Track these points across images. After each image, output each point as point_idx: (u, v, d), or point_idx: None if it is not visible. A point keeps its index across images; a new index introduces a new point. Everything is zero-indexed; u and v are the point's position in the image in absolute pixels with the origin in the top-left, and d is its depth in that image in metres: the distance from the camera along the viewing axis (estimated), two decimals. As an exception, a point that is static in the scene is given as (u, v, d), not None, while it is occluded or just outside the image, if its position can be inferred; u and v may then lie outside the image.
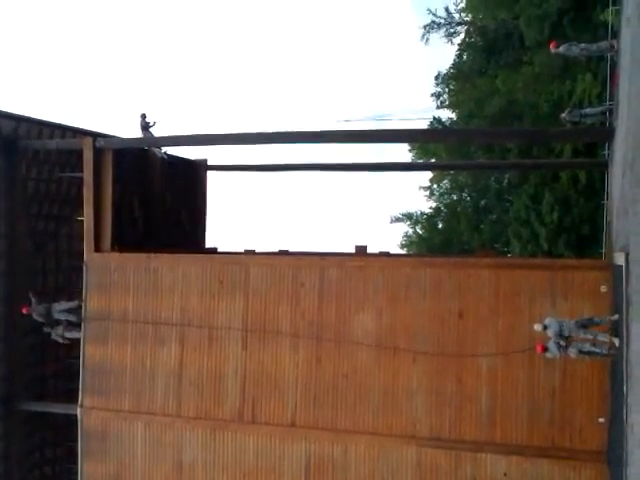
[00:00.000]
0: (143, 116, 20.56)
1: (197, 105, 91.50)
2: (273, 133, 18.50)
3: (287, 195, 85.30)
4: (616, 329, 13.50)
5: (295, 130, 18.12)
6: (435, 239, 52.15)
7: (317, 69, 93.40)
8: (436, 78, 48.17)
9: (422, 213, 56.02)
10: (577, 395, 15.41)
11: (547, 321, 13.79)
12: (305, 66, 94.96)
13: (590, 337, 13.57)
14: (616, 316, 13.52)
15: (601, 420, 15.13)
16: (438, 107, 48.20)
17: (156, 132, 20.58)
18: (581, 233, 33.48)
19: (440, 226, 53.60)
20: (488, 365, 15.98)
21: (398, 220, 57.41)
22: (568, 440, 15.44)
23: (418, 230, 56.88)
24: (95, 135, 20.15)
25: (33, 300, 19.05)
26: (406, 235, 58.94)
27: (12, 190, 19.94)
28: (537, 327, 13.97)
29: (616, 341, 13.13)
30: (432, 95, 48.36)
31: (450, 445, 16.11)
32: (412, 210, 56.79)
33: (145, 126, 20.55)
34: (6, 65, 76.44)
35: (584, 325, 13.68)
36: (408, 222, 57.48)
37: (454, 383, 16.20)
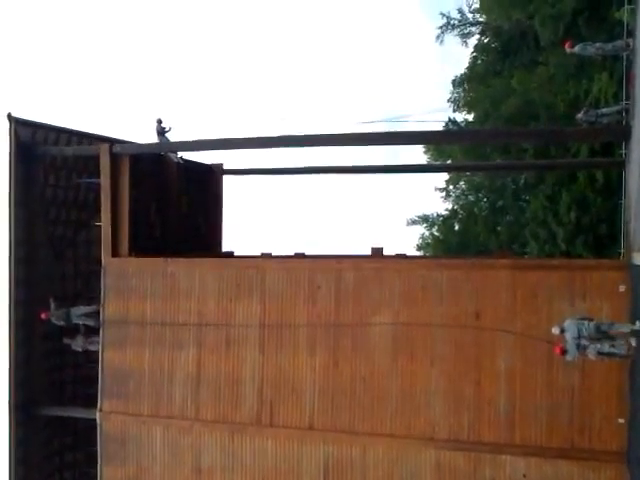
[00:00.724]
0: (159, 121, 20.70)
1: (213, 110, 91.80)
2: (288, 136, 18.50)
3: (303, 198, 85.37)
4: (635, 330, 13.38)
5: (311, 133, 18.09)
6: (452, 241, 51.97)
7: (330, 72, 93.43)
8: (453, 83, 48.12)
9: (438, 215, 55.97)
10: (596, 396, 15.29)
11: (566, 324, 13.54)
12: (319, 69, 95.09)
13: (610, 340, 13.40)
14: (638, 324, 13.33)
15: (621, 421, 15.01)
16: (455, 110, 48.23)
17: (172, 137, 20.71)
18: (599, 233, 33.25)
19: (457, 228, 53.40)
20: (506, 366, 15.90)
21: (414, 222, 57.38)
22: (587, 441, 15.33)
23: (434, 232, 56.74)
24: (112, 141, 20.32)
25: (52, 305, 19.20)
26: (422, 237, 58.86)
27: (30, 197, 20.08)
28: (555, 330, 13.75)
29: (633, 341, 13.03)
30: (449, 101, 48.37)
31: (469, 447, 16.04)
32: (428, 212, 56.84)
33: (161, 131, 20.68)
34: (23, 72, 77.10)
35: (604, 331, 13.41)
36: (424, 224, 57.43)
37: (472, 385, 16.13)
